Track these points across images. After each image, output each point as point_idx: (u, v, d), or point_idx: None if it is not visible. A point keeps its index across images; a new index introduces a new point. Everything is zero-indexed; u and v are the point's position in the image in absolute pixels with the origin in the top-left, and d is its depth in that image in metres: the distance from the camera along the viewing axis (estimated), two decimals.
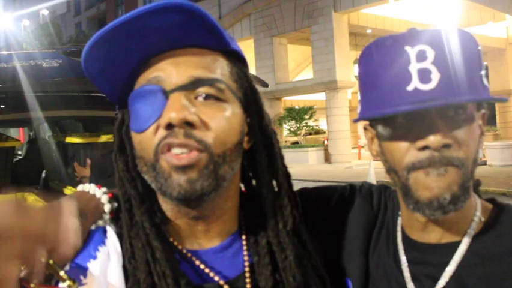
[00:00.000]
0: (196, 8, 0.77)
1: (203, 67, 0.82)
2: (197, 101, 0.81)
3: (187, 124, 0.78)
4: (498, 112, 28.20)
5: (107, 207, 0.87)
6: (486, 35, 25.35)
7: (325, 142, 22.69)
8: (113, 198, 0.89)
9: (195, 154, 0.78)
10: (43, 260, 0.70)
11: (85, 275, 0.77)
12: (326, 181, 13.32)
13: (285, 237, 0.90)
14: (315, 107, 23.35)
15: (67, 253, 0.75)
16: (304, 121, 22.30)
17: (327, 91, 20.83)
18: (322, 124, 29.74)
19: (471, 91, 0.85)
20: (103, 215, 0.87)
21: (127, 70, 0.85)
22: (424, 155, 0.86)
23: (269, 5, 22.80)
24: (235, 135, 0.84)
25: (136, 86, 0.85)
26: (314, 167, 18.83)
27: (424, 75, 0.84)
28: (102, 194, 0.88)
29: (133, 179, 0.87)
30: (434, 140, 0.84)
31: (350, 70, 21.20)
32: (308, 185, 1.24)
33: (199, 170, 0.78)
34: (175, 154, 0.78)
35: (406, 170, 0.89)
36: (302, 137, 23.10)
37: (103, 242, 0.82)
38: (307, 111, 22.25)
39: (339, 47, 20.61)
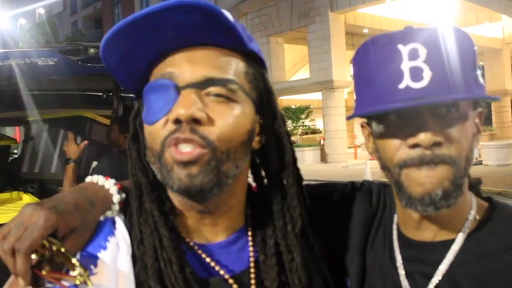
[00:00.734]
0: (213, 8, 0.78)
1: (217, 67, 0.83)
2: (207, 99, 0.82)
3: (194, 120, 0.79)
4: (494, 112, 28.32)
5: (116, 198, 0.88)
6: (482, 35, 25.45)
7: (321, 142, 22.71)
8: (121, 189, 0.90)
9: (198, 150, 0.79)
10: (54, 248, 0.72)
11: (96, 264, 0.78)
12: (322, 180, 13.16)
13: (293, 239, 0.91)
14: (312, 107, 23.40)
15: (79, 242, 0.79)
16: (300, 121, 22.34)
17: (323, 91, 20.85)
18: (318, 124, 29.71)
19: (463, 89, 0.85)
20: (112, 206, 0.88)
21: (145, 62, 0.87)
22: (415, 153, 0.86)
23: (266, 5, 22.80)
24: (242, 134, 0.84)
25: (151, 79, 0.86)
26: (311, 167, 18.79)
27: (416, 73, 0.84)
28: (111, 185, 0.89)
29: (145, 168, 0.89)
30: (425, 138, 0.85)
31: (347, 70, 21.13)
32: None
33: (200, 166, 0.79)
34: (180, 151, 0.79)
35: (398, 167, 0.89)
36: (299, 137, 23.14)
37: (112, 233, 0.84)
38: (303, 110, 22.29)
39: (335, 47, 20.63)
